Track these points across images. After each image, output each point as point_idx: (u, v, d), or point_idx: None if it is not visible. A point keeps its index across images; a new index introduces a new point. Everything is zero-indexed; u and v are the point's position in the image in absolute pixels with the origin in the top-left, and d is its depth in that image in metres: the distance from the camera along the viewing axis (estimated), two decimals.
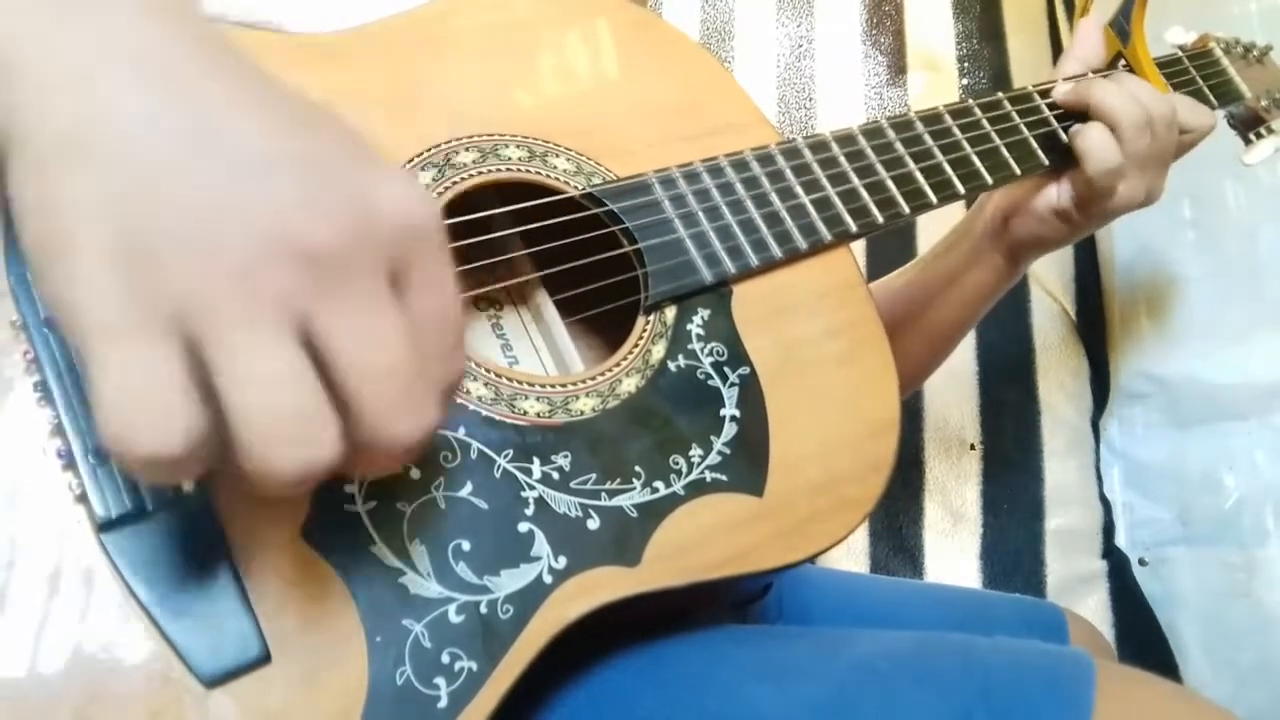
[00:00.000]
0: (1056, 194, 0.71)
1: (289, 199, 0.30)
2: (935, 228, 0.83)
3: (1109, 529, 1.25)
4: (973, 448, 1.29)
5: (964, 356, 1.32)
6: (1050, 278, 1.36)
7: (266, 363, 0.30)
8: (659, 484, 0.49)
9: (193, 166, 0.30)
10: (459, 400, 0.47)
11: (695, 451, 0.51)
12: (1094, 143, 0.67)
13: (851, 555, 1.24)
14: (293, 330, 0.30)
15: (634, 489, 0.49)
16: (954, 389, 1.31)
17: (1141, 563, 1.21)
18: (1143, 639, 1.15)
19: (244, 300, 0.30)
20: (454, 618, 0.43)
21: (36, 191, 0.30)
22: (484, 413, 0.47)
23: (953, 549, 1.25)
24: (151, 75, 0.31)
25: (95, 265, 0.29)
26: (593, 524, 0.47)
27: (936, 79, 1.49)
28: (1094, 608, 1.20)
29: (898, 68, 1.50)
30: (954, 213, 0.77)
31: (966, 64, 1.51)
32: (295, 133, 0.32)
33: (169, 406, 0.29)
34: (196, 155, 0.30)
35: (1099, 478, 1.28)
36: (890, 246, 1.34)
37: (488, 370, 0.49)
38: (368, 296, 0.31)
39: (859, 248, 1.35)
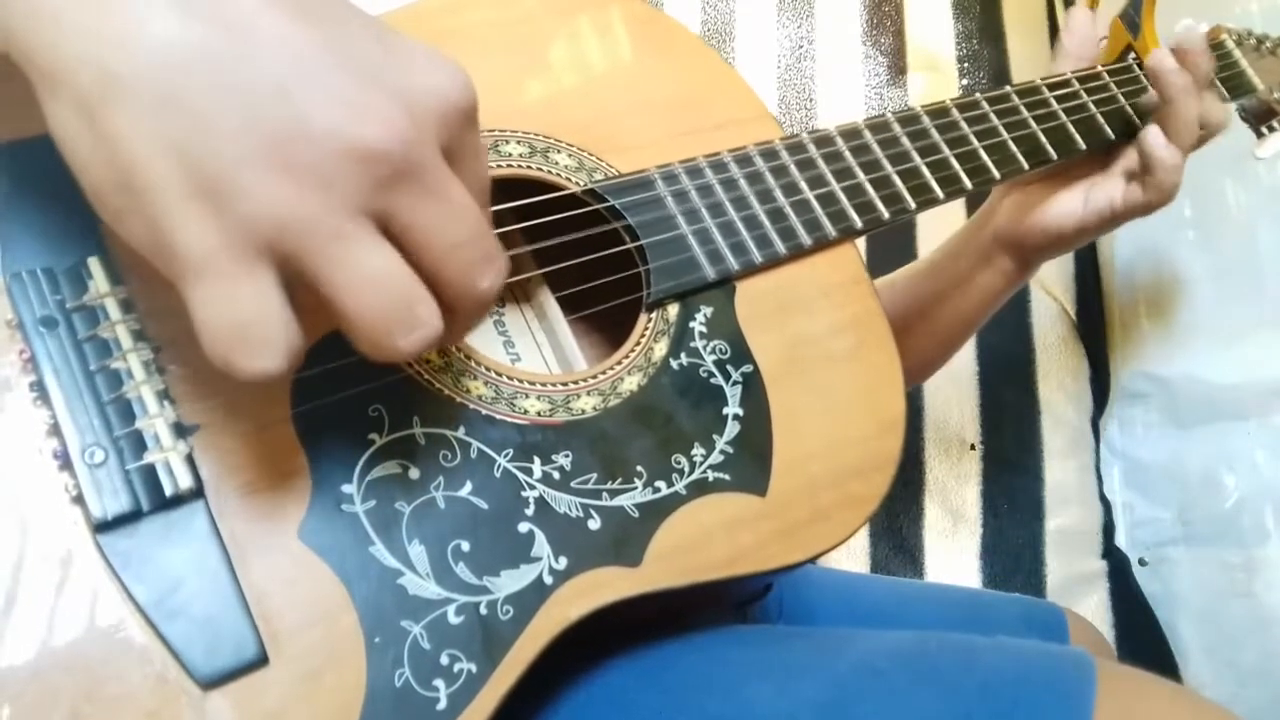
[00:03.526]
0: (1082, 206, 0.71)
1: (344, 106, 0.31)
2: (935, 226, 0.82)
3: (1109, 529, 1.25)
4: (973, 448, 1.29)
5: (964, 356, 1.32)
6: (1050, 278, 1.36)
7: (366, 266, 0.32)
8: (661, 483, 0.49)
9: (238, 89, 0.30)
10: (458, 400, 0.47)
11: (698, 450, 0.51)
12: (1177, 171, 0.67)
13: (851, 555, 1.24)
14: (378, 227, 0.32)
15: (635, 488, 0.48)
16: (954, 389, 1.31)
17: (1141, 563, 1.21)
18: (1143, 639, 1.15)
19: (330, 211, 0.31)
20: (453, 619, 0.42)
21: (91, 136, 0.30)
22: (484, 412, 0.47)
23: (953, 549, 1.25)
24: None
25: (176, 203, 0.30)
26: (594, 524, 0.47)
27: (936, 79, 1.50)
28: (1094, 608, 1.20)
29: (898, 68, 1.51)
30: (954, 210, 0.77)
31: (966, 64, 1.51)
32: (328, 34, 0.32)
33: (273, 331, 0.32)
34: (238, 77, 0.30)
35: (1099, 478, 1.29)
36: (890, 245, 1.34)
37: (488, 369, 0.49)
38: (434, 178, 0.33)
39: (859, 248, 1.35)
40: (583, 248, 0.55)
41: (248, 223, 0.30)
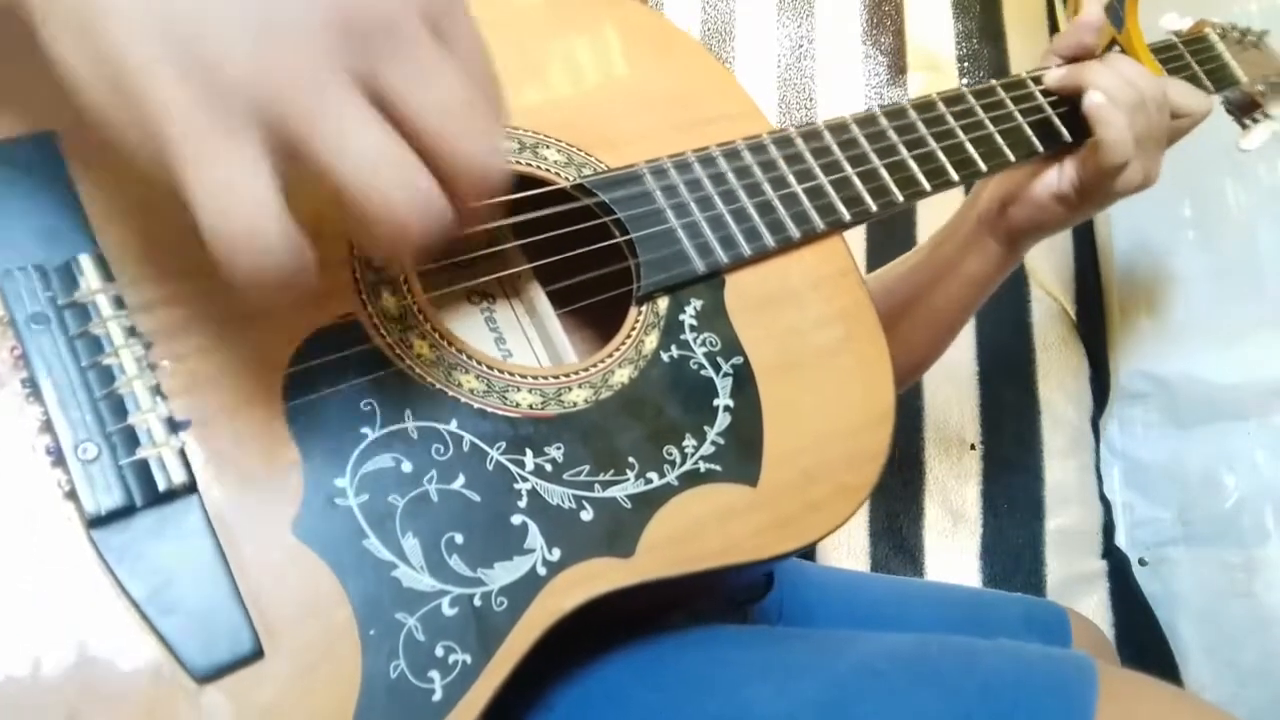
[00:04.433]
0: (1057, 179, 0.71)
1: None
2: (936, 216, 0.82)
3: (1109, 529, 1.25)
4: (973, 448, 1.29)
5: (964, 356, 1.32)
6: (1050, 277, 1.36)
7: (359, 132, 0.32)
8: (652, 475, 0.49)
9: None
10: (450, 393, 0.47)
11: (689, 442, 0.51)
12: (1112, 124, 0.67)
13: (851, 555, 1.24)
14: (366, 96, 0.33)
15: (627, 480, 0.49)
16: (954, 389, 1.31)
17: (1141, 563, 1.21)
18: (1143, 639, 1.15)
19: (316, 80, 0.31)
20: (447, 610, 0.43)
21: (84, 46, 0.31)
22: (476, 405, 0.47)
23: (953, 549, 1.25)
24: None
25: (160, 79, 0.30)
26: (586, 515, 0.47)
27: (936, 79, 1.50)
28: (1094, 608, 1.20)
29: (898, 68, 1.51)
30: (954, 200, 0.77)
31: (966, 64, 1.51)
32: None
33: (269, 216, 0.31)
34: None
35: (1099, 478, 1.28)
36: (891, 236, 1.34)
37: (479, 362, 0.49)
38: (418, 46, 0.33)
39: (859, 238, 1.36)
40: (572, 242, 0.55)
41: (228, 91, 0.31)
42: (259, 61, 0.31)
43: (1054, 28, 1.54)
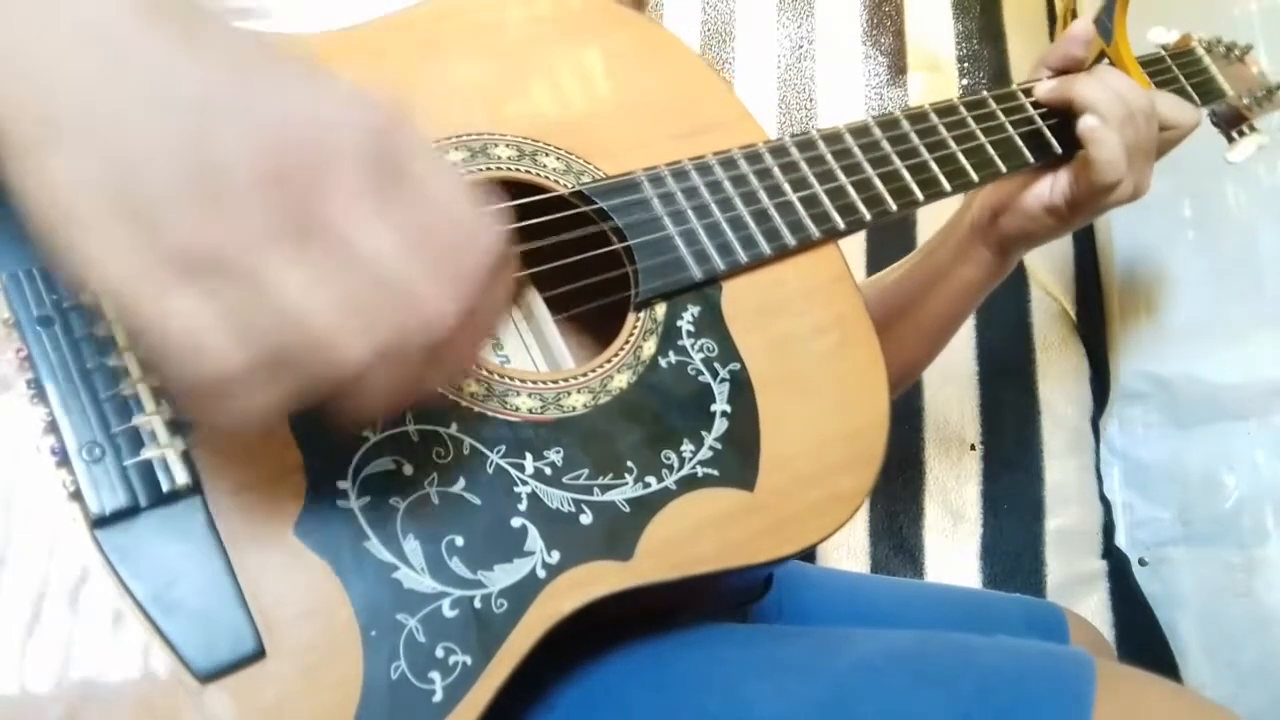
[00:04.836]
0: (1048, 191, 0.71)
1: (251, 133, 0.32)
2: (935, 223, 0.83)
3: (1109, 529, 1.24)
4: (973, 448, 1.29)
5: (964, 356, 1.32)
6: (1050, 278, 1.36)
7: (292, 282, 0.31)
8: (651, 479, 0.50)
9: (151, 123, 0.31)
10: (451, 397, 0.47)
11: (687, 447, 0.51)
12: (1105, 144, 0.67)
13: (851, 555, 1.24)
14: (306, 243, 0.32)
15: (626, 484, 0.49)
16: (954, 389, 1.31)
17: (1141, 563, 1.21)
18: (1143, 639, 1.15)
19: (250, 233, 0.31)
20: (448, 612, 0.43)
21: (34, 178, 0.31)
22: (476, 409, 0.48)
23: (953, 549, 1.25)
24: (87, 39, 0.32)
25: (105, 229, 0.31)
26: (585, 519, 0.47)
27: (936, 79, 1.50)
28: (1094, 608, 1.20)
29: (898, 68, 1.51)
30: (953, 206, 0.78)
31: (966, 64, 1.51)
32: (240, 71, 0.33)
33: (213, 330, 0.31)
34: (151, 112, 0.31)
35: (1099, 478, 1.28)
36: (891, 243, 1.34)
37: (479, 367, 0.49)
38: (353, 198, 0.32)
39: (859, 244, 1.36)
40: (570, 249, 0.55)
41: (171, 245, 0.31)
42: (197, 220, 0.31)
43: (1054, 28, 1.54)
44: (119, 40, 0.32)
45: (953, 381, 1.31)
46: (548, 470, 0.48)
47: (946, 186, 0.65)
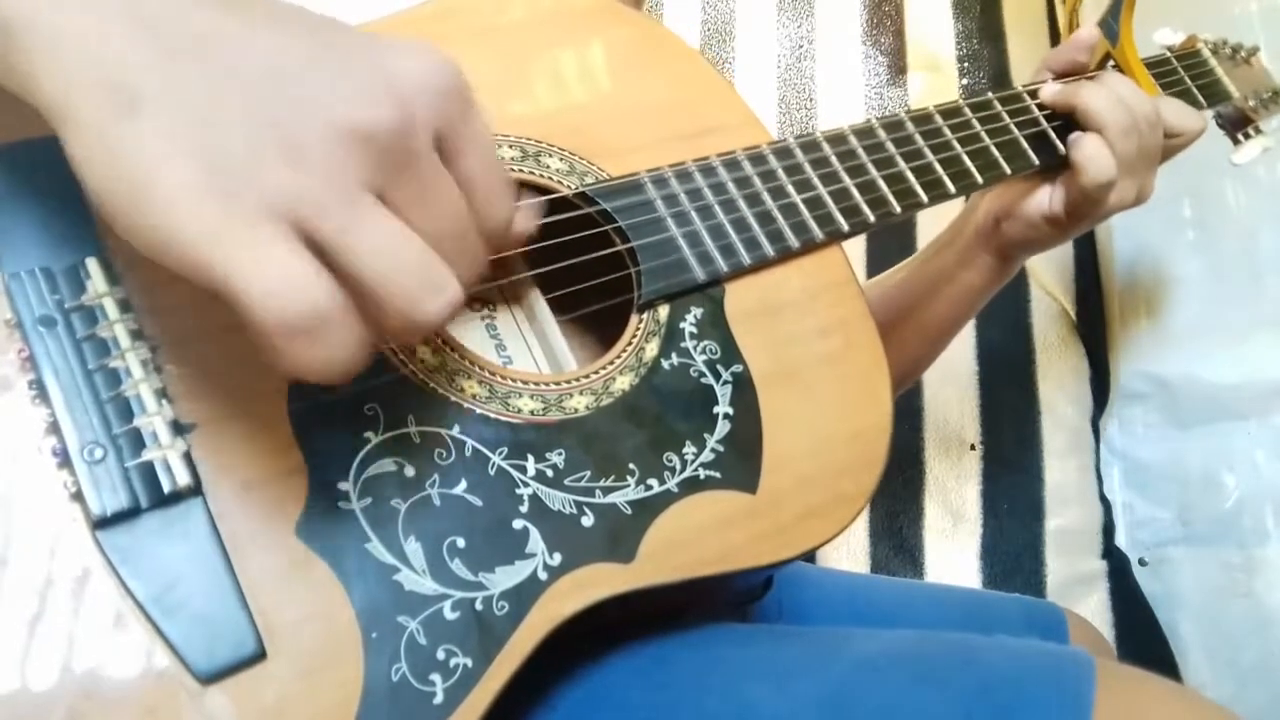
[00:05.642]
0: (1049, 199, 0.71)
1: (337, 94, 0.33)
2: (935, 226, 0.83)
3: (1109, 529, 1.25)
4: (973, 448, 1.29)
5: (964, 356, 1.32)
6: (1050, 278, 1.36)
7: (379, 232, 0.34)
8: (653, 481, 0.50)
9: (232, 88, 0.32)
10: (453, 399, 0.47)
11: (689, 449, 0.51)
12: (1090, 155, 0.67)
13: (851, 555, 1.24)
14: (394, 187, 0.34)
15: (628, 486, 0.49)
16: (954, 389, 1.31)
17: (1141, 563, 1.21)
18: (1143, 639, 1.15)
19: (338, 187, 0.33)
20: (449, 614, 0.43)
21: (106, 156, 0.32)
22: (478, 410, 0.48)
23: (953, 549, 1.25)
24: (158, 18, 0.33)
25: (188, 191, 0.31)
26: (587, 521, 0.47)
27: (936, 79, 1.50)
28: (1094, 608, 1.20)
29: (898, 68, 1.51)
30: (953, 210, 0.78)
31: (966, 64, 1.51)
32: (315, 35, 0.35)
33: (307, 274, 0.32)
34: (231, 78, 0.33)
35: (1099, 478, 1.28)
36: (891, 244, 1.35)
37: (482, 368, 0.49)
38: (421, 166, 0.35)
39: (860, 246, 1.36)
40: (573, 250, 0.55)
41: (258, 199, 0.32)
42: (286, 176, 0.32)
43: (1054, 28, 1.54)
44: (193, 20, 0.33)
45: (953, 381, 1.31)
46: (549, 472, 0.48)
47: (951, 188, 0.65)
